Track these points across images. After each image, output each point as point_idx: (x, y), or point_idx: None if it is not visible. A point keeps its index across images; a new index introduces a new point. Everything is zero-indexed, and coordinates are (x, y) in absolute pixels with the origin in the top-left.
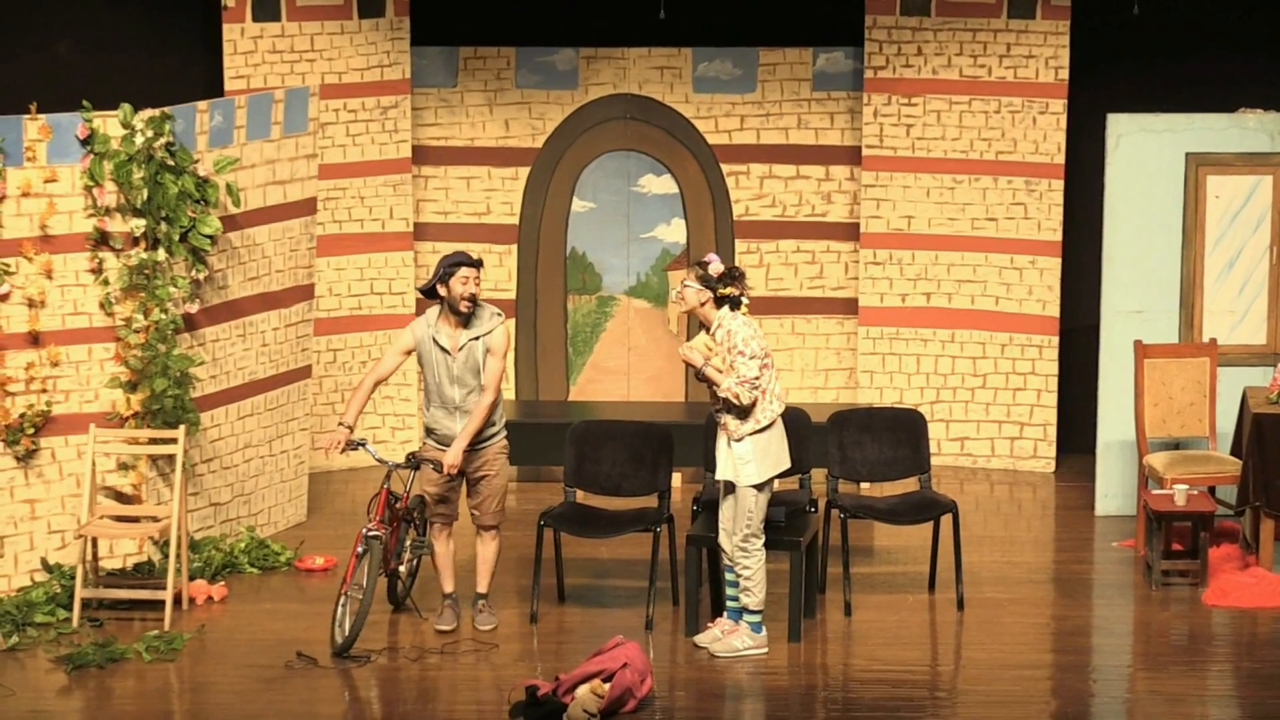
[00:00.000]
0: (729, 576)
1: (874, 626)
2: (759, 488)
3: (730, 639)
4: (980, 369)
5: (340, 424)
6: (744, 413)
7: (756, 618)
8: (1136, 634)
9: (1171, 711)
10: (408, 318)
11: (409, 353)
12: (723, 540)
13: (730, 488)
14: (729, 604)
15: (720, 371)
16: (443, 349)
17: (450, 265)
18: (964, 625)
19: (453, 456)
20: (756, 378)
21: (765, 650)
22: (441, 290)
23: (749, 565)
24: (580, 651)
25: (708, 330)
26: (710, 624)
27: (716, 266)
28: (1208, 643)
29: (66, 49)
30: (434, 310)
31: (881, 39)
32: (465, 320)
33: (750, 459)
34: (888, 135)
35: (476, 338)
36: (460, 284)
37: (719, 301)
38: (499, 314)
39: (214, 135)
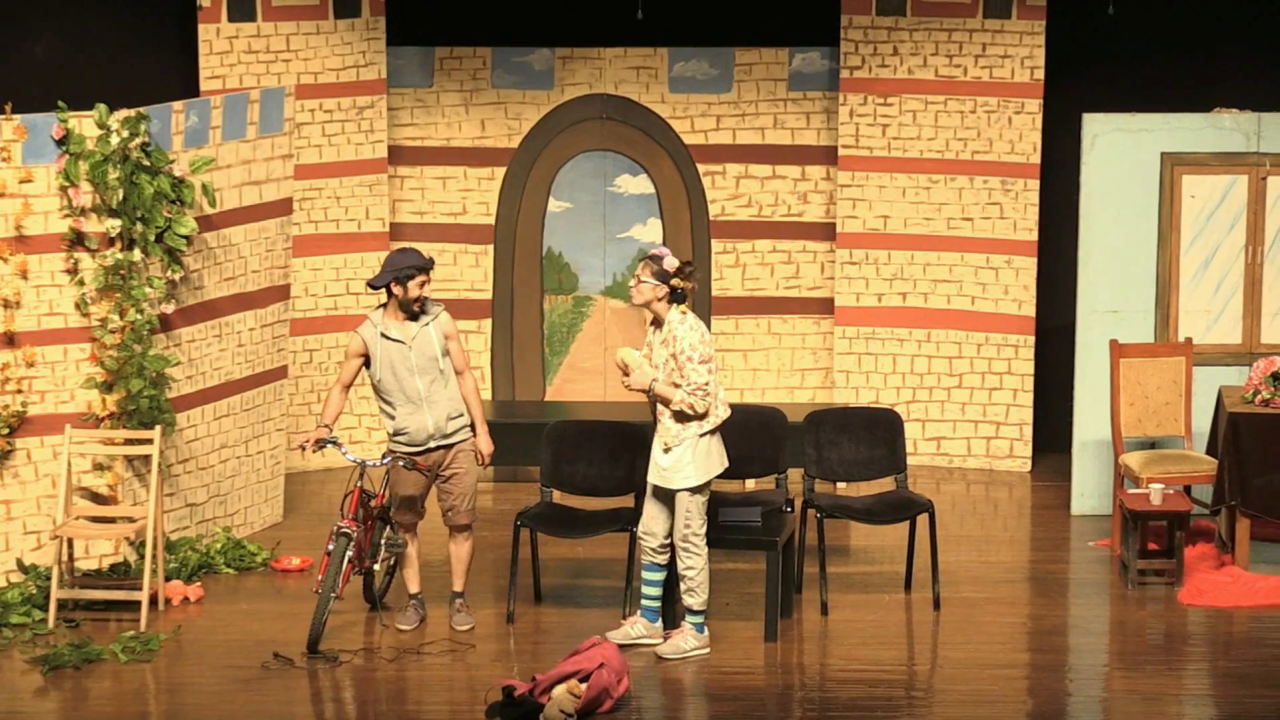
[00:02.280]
0: (652, 576)
1: (850, 626)
2: (696, 490)
3: (676, 640)
4: (956, 369)
5: (321, 424)
6: (683, 418)
7: (700, 618)
8: (1113, 633)
9: (1148, 710)
10: None
11: (363, 355)
12: (643, 537)
13: (660, 490)
14: (645, 603)
15: (670, 386)
16: (397, 341)
17: (408, 269)
18: (940, 625)
19: (485, 444)
20: (706, 383)
21: (708, 650)
22: (396, 290)
23: (692, 565)
24: (557, 651)
25: (657, 325)
26: (623, 621)
27: (671, 261)
28: (1184, 642)
29: (42, 49)
30: (377, 311)
31: (857, 39)
32: (414, 316)
33: (687, 463)
34: (864, 135)
35: (426, 324)
36: (417, 288)
37: (673, 297)
38: (438, 302)
39: (190, 135)
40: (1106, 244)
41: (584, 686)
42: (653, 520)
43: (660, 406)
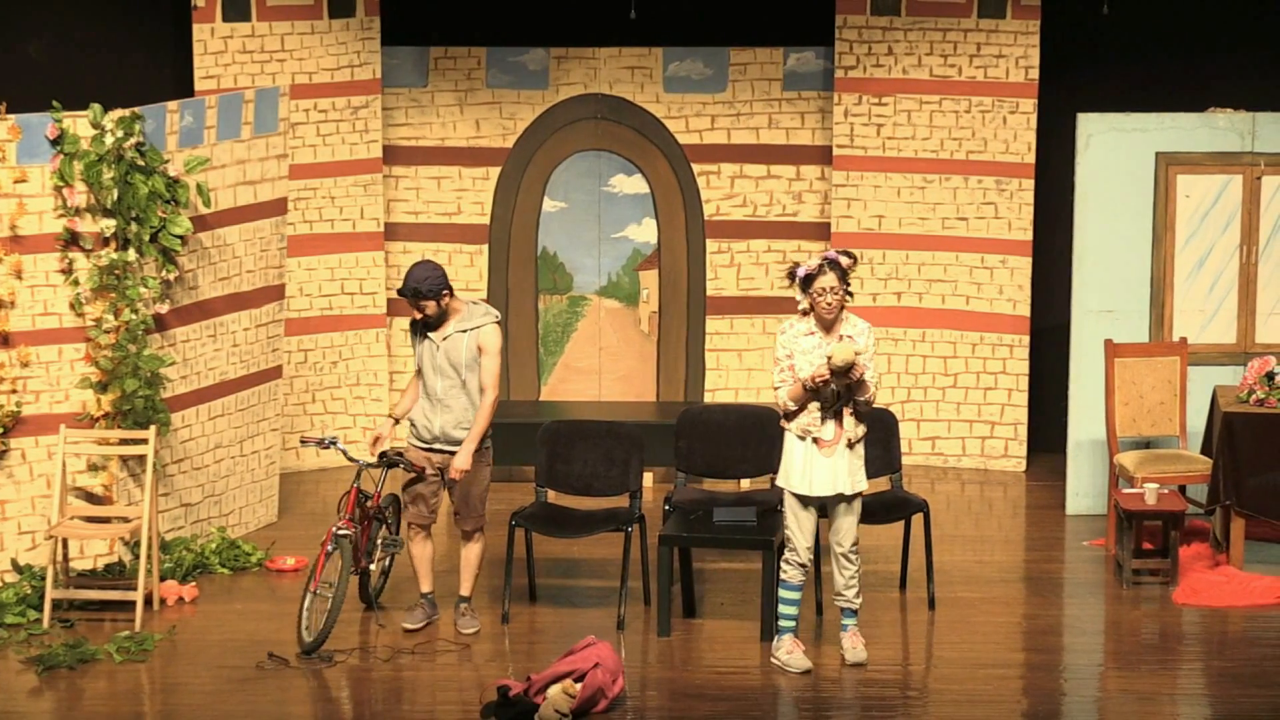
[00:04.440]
0: (796, 595)
1: None
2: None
3: (861, 644)
4: (951, 368)
5: (389, 416)
6: (863, 415)
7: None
8: (1107, 633)
9: (1142, 710)
10: (379, 318)
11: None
12: (803, 553)
13: (838, 499)
14: (790, 623)
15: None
16: (429, 338)
17: (403, 291)
18: (935, 624)
19: (461, 461)
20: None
21: None
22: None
23: (859, 566)
24: (552, 651)
25: (827, 330)
26: (796, 647)
27: (845, 259)
28: (1178, 641)
29: (37, 49)
30: None
31: (852, 39)
32: (430, 326)
33: (861, 465)
34: (858, 135)
35: (464, 330)
36: (416, 310)
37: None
38: (493, 314)
39: (184, 135)
40: (1101, 243)
41: (579, 686)
42: (811, 535)
43: (843, 409)
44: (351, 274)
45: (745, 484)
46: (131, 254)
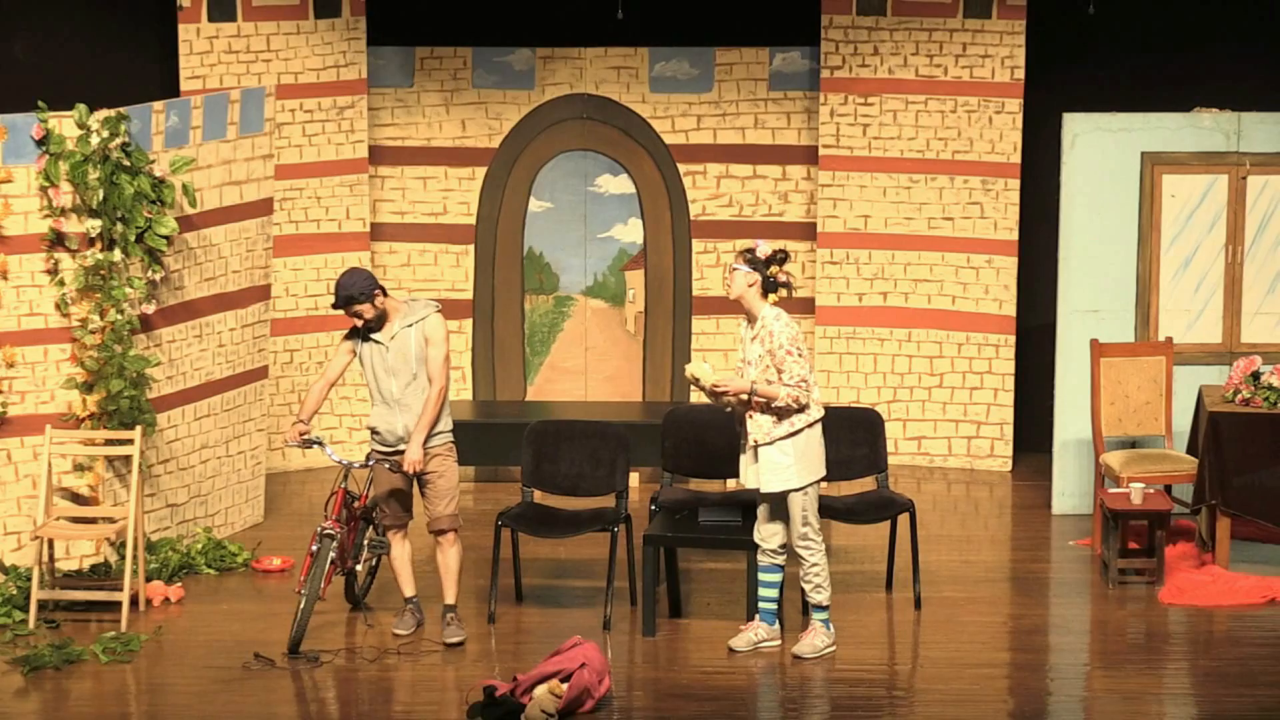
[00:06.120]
0: (770, 578)
1: (832, 625)
2: (805, 488)
3: (812, 639)
4: (937, 368)
5: (297, 419)
6: (783, 414)
7: (826, 614)
8: (1093, 632)
9: (1128, 710)
10: None
11: (353, 352)
12: (759, 540)
13: (768, 494)
14: (764, 605)
15: (769, 384)
16: (375, 341)
17: (339, 306)
18: (921, 624)
19: (413, 453)
20: (805, 378)
21: (835, 646)
22: None
23: (816, 562)
24: (538, 651)
25: (750, 321)
26: (743, 627)
27: (764, 249)
28: (1164, 641)
29: (22, 49)
30: None
31: (838, 39)
32: (370, 330)
33: (789, 464)
34: (844, 135)
35: (409, 325)
36: (349, 316)
37: (766, 285)
38: (433, 304)
39: (170, 135)
40: (1087, 243)
41: (565, 686)
42: (767, 522)
43: (746, 412)
44: (338, 274)
45: (731, 484)
46: (117, 254)
